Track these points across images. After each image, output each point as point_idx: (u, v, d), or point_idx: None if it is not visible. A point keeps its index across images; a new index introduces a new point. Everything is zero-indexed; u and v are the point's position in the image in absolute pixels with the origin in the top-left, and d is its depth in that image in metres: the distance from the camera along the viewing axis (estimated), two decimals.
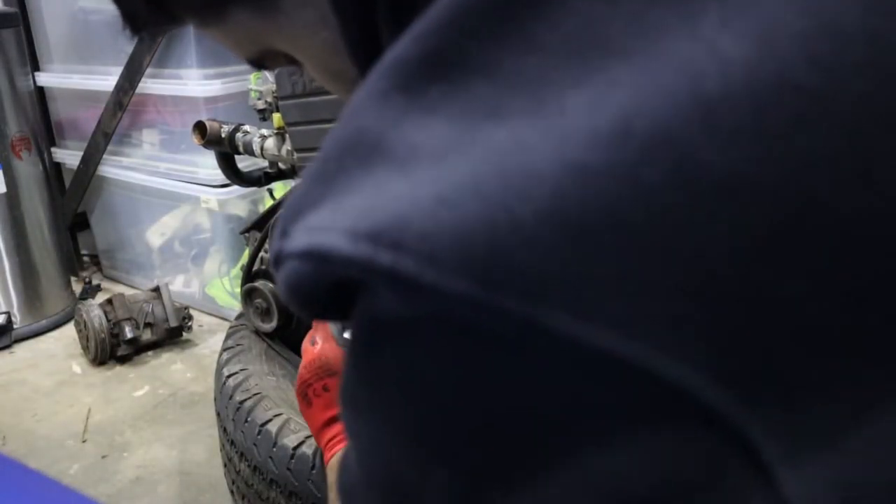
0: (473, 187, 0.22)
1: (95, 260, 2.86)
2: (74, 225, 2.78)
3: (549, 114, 0.23)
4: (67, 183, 2.72)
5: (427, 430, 0.25)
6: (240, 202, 2.32)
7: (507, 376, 0.23)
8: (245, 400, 1.23)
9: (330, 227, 0.24)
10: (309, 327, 1.36)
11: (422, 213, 0.22)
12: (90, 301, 2.22)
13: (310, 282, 0.25)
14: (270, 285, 1.36)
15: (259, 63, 0.43)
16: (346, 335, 0.91)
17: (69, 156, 2.66)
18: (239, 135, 1.41)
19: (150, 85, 2.28)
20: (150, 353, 2.19)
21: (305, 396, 0.80)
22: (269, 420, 1.17)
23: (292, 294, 0.26)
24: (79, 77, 2.49)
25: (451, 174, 0.23)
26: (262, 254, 1.39)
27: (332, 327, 0.84)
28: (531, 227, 0.21)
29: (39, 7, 2.51)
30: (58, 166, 2.74)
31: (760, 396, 0.22)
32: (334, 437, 0.76)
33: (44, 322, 2.40)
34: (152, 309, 2.14)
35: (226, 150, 1.44)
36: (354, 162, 0.25)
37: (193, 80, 2.19)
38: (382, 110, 0.25)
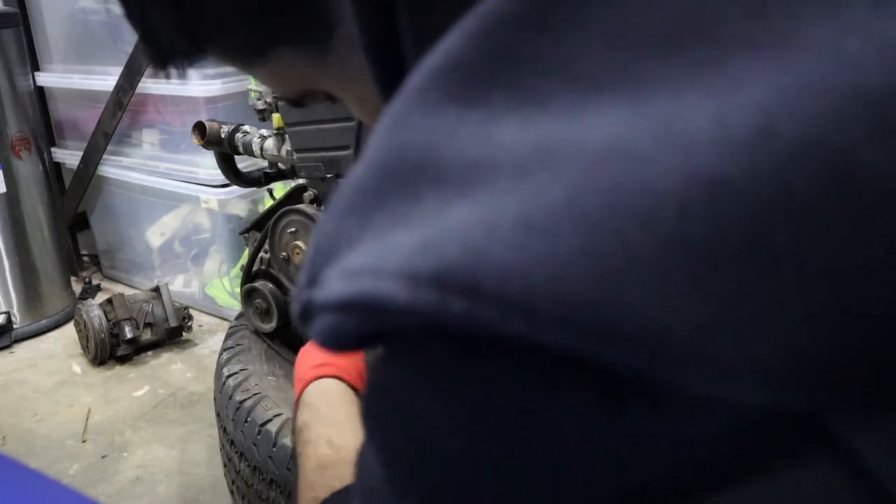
0: (570, 208, 0.17)
1: (95, 260, 2.86)
2: (74, 225, 2.78)
3: (657, 116, 0.18)
4: (67, 183, 2.72)
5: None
6: (240, 202, 2.32)
7: (608, 442, 0.19)
8: (245, 400, 1.23)
9: (376, 269, 0.19)
10: None
11: (502, 245, 0.17)
12: (90, 301, 2.22)
13: (351, 336, 0.20)
14: (270, 285, 1.36)
15: (298, 103, 0.41)
16: None
17: (69, 156, 2.66)
18: (238, 135, 1.41)
19: (150, 85, 2.28)
20: (149, 353, 2.19)
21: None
22: (269, 420, 1.17)
23: (331, 346, 0.21)
24: (79, 77, 2.49)
25: (536, 193, 0.18)
26: (261, 254, 1.40)
27: None
28: (652, 259, 0.17)
29: (39, 7, 2.51)
30: (58, 166, 2.74)
31: (881, 417, 0.18)
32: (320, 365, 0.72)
33: (44, 322, 2.40)
34: (152, 309, 2.14)
35: (225, 151, 1.44)
36: (397, 187, 0.20)
37: (193, 80, 2.19)
38: (429, 123, 0.21)
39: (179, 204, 2.43)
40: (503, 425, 0.20)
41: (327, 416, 0.65)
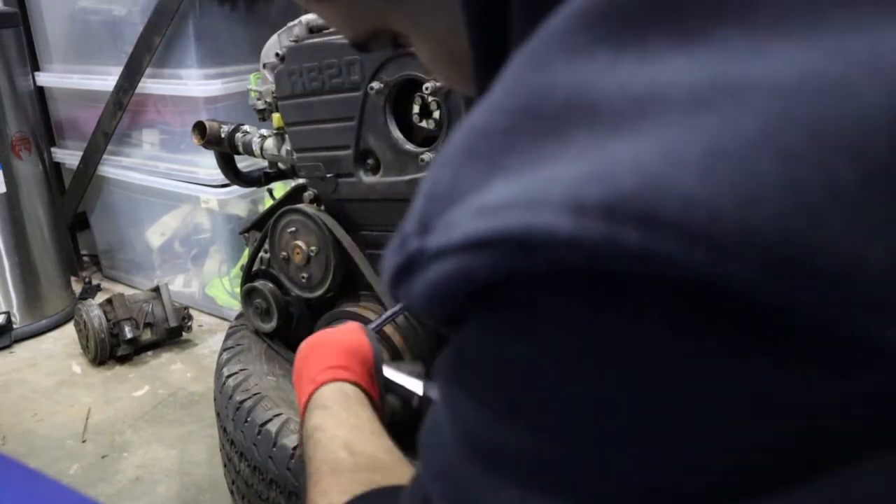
0: (766, 138, 0.16)
1: (95, 260, 2.86)
2: (74, 225, 2.78)
3: (856, 49, 0.17)
4: (67, 183, 2.72)
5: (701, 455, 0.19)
6: (240, 202, 2.32)
7: (764, 395, 0.18)
8: (245, 400, 1.23)
9: (530, 201, 0.17)
10: (310, 328, 1.36)
11: (687, 173, 0.16)
12: (90, 301, 2.22)
13: (477, 280, 0.18)
14: (270, 285, 1.36)
15: (364, 45, 0.38)
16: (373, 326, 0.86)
17: (69, 156, 2.66)
18: (238, 135, 1.41)
19: (150, 85, 2.28)
20: (149, 353, 2.19)
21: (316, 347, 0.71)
22: (269, 420, 1.17)
23: (432, 301, 0.19)
24: (79, 77, 2.49)
25: (723, 124, 0.16)
26: (261, 254, 1.39)
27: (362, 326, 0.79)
28: (859, 192, 0.16)
29: (39, 7, 2.51)
30: (58, 166, 2.74)
31: None
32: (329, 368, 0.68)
33: (44, 322, 2.40)
34: (152, 309, 2.14)
35: (225, 151, 1.44)
36: (536, 128, 0.18)
37: (193, 80, 2.19)
38: (577, 64, 0.19)
39: (179, 204, 2.43)
40: (654, 378, 0.19)
41: (345, 420, 0.61)
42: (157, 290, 2.18)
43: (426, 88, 1.05)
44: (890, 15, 0.17)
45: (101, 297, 2.42)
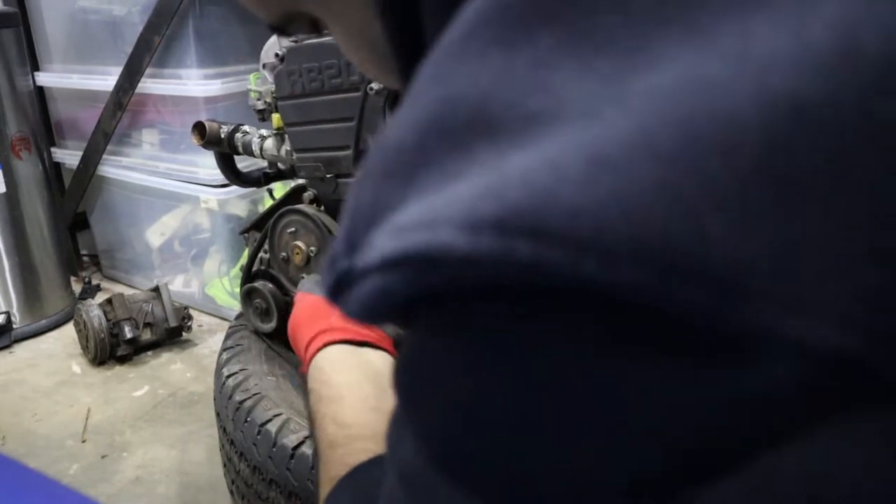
0: (644, 142, 0.16)
1: (95, 260, 2.86)
2: (74, 225, 2.78)
3: (726, 40, 0.17)
4: (67, 183, 2.72)
5: (597, 444, 0.20)
6: (239, 202, 2.32)
7: (685, 389, 0.18)
8: (245, 400, 1.23)
9: (432, 221, 0.18)
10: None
11: (570, 183, 0.16)
12: (90, 301, 2.22)
13: (396, 300, 0.19)
14: (270, 285, 1.36)
15: (281, 28, 0.39)
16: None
17: (69, 156, 2.66)
18: (238, 135, 1.41)
19: (150, 85, 2.28)
20: (149, 353, 2.19)
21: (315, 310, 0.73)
22: (269, 420, 1.17)
23: (369, 315, 0.20)
24: (78, 77, 2.49)
25: (605, 132, 0.17)
26: (261, 254, 1.40)
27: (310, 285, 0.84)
28: (733, 190, 0.16)
29: (39, 7, 2.51)
30: (57, 166, 2.74)
31: None
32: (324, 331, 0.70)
33: (43, 322, 2.40)
34: (152, 309, 2.14)
35: (225, 151, 1.44)
36: (444, 143, 0.19)
37: (193, 80, 2.19)
38: (473, 72, 0.19)
39: (179, 204, 2.43)
40: (563, 384, 0.19)
41: (327, 394, 0.63)
42: (156, 290, 2.18)
43: None
44: (761, 7, 0.17)
45: (100, 297, 2.42)
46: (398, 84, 0.35)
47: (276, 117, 1.31)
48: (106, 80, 2.36)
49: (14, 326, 2.33)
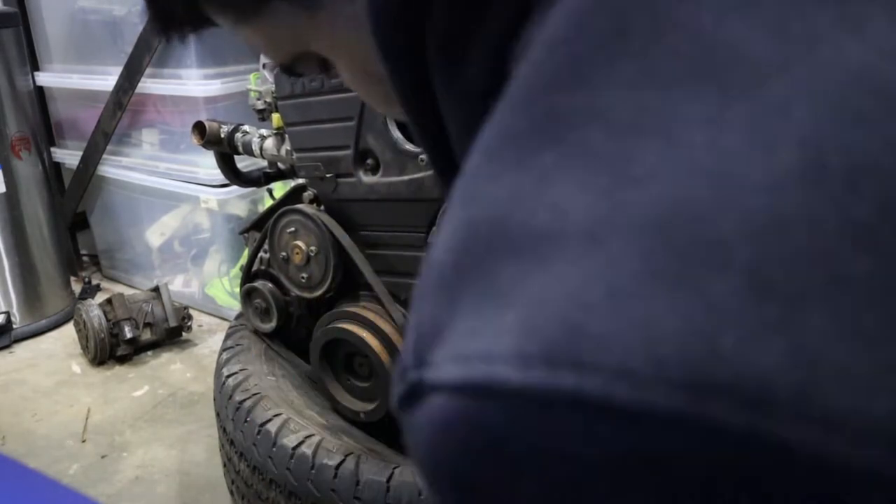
0: (648, 271, 0.18)
1: (95, 260, 2.86)
2: (74, 225, 2.78)
3: (697, 158, 0.18)
4: (67, 183, 2.72)
5: None
6: (239, 202, 2.32)
7: None
8: (244, 400, 1.23)
9: (488, 354, 0.19)
10: (309, 328, 1.35)
11: (595, 317, 0.18)
12: (90, 301, 2.22)
13: (461, 420, 0.20)
14: (270, 285, 1.36)
15: (291, 67, 0.41)
16: None
17: (69, 156, 2.66)
18: (238, 135, 1.41)
19: (150, 85, 2.28)
20: (149, 352, 2.19)
21: None
22: (269, 420, 1.17)
23: (436, 436, 0.20)
24: (78, 77, 2.49)
25: (613, 261, 0.18)
26: (261, 254, 1.40)
27: None
28: (736, 305, 0.17)
29: (39, 7, 2.51)
30: (57, 166, 2.74)
31: None
32: None
33: (43, 322, 2.40)
34: (152, 309, 2.14)
35: (225, 151, 1.44)
36: (473, 264, 0.21)
37: (193, 80, 2.19)
38: (490, 193, 0.21)
39: (179, 204, 2.43)
40: None
41: None
42: (156, 289, 2.18)
43: None
44: (731, 120, 0.18)
45: (100, 297, 2.42)
46: (403, 116, 0.35)
47: (276, 117, 1.31)
48: (106, 80, 2.36)
49: (14, 326, 2.33)
